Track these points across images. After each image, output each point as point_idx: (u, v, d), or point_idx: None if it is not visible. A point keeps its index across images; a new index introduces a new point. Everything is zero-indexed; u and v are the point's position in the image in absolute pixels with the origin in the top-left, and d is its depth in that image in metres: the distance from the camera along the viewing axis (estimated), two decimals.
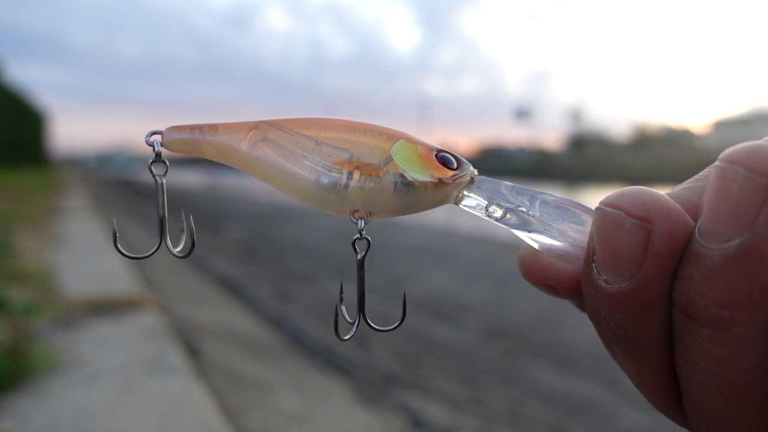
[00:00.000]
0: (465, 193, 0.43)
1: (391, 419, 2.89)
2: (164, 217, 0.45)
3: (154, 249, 0.45)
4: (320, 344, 4.12)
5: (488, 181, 0.43)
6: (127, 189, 29.36)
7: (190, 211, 0.47)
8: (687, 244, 0.32)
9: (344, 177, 0.41)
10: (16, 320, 3.10)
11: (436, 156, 0.43)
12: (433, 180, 0.42)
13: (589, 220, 0.37)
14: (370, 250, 0.44)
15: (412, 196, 0.42)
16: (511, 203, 0.41)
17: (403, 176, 0.41)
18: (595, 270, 0.34)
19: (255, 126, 0.44)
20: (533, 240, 0.39)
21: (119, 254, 0.46)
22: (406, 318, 0.45)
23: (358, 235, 0.44)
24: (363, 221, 0.43)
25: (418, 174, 0.42)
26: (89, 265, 5.14)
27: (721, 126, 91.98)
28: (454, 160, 0.43)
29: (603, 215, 0.34)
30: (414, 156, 0.42)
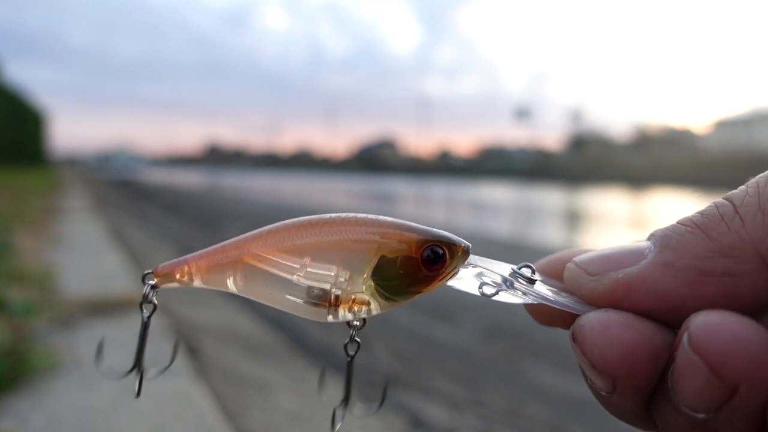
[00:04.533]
0: (459, 271, 0.43)
1: (391, 419, 2.88)
2: (140, 357, 0.50)
3: (128, 371, 0.49)
4: (320, 344, 4.12)
5: (480, 260, 0.43)
6: (126, 189, 29.35)
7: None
8: (662, 374, 0.33)
9: (328, 306, 0.42)
10: (16, 320, 3.10)
11: (422, 254, 0.41)
12: (416, 294, 0.42)
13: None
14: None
15: (398, 303, 0.43)
16: (504, 283, 0.41)
17: (388, 296, 0.42)
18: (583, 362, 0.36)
19: (234, 263, 0.44)
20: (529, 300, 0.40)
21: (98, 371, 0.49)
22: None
23: (348, 340, 0.45)
24: (356, 330, 0.45)
25: (401, 296, 0.42)
26: (89, 265, 5.14)
27: (722, 126, 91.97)
28: (444, 249, 0.41)
29: (575, 348, 0.35)
30: (396, 274, 0.41)
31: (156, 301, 0.47)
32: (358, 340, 0.45)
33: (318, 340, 4.25)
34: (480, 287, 0.42)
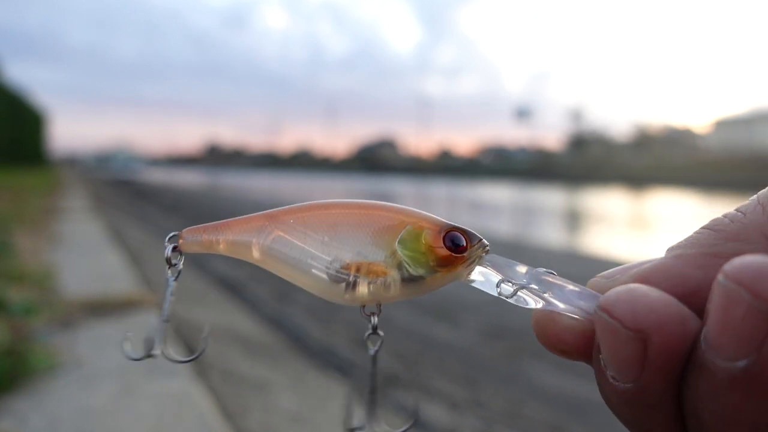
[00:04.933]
0: (478, 268, 0.43)
1: (391, 420, 2.88)
2: (167, 320, 0.47)
3: (157, 351, 0.47)
4: (320, 344, 4.11)
5: (499, 259, 0.43)
6: (126, 189, 29.35)
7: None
8: (691, 350, 0.31)
9: (351, 278, 0.42)
10: (15, 321, 3.10)
11: (444, 237, 0.43)
12: (441, 271, 0.42)
13: (593, 309, 0.37)
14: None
15: (420, 286, 0.43)
16: (523, 281, 0.41)
17: (408, 271, 0.42)
18: (602, 363, 0.34)
19: (260, 228, 0.45)
20: (550, 306, 0.39)
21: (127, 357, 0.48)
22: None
23: (371, 331, 0.44)
24: (376, 318, 0.44)
25: (425, 269, 0.42)
26: (88, 265, 5.13)
27: (722, 125, 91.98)
28: (463, 238, 0.43)
29: (600, 321, 0.33)
30: (420, 248, 0.42)
31: (181, 266, 0.47)
32: (381, 333, 0.44)
33: (318, 340, 4.25)
34: (498, 285, 0.42)
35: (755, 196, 0.36)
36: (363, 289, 0.42)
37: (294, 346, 4.02)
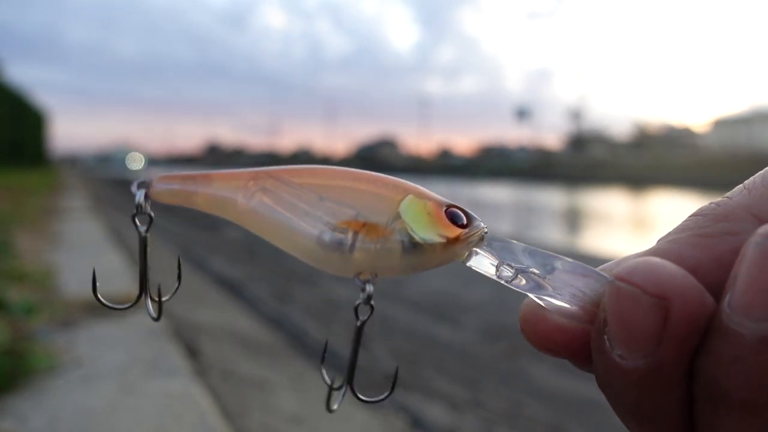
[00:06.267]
0: (475, 251, 0.41)
1: (391, 420, 2.88)
2: (145, 273, 0.43)
3: (131, 304, 0.44)
4: (320, 344, 4.11)
5: (499, 240, 0.41)
6: (126, 188, 29.30)
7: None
8: (710, 319, 0.30)
9: (349, 237, 0.38)
10: (16, 320, 3.10)
11: (445, 212, 0.41)
12: (443, 240, 0.40)
13: (600, 288, 0.36)
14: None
15: (420, 256, 0.39)
16: (522, 264, 0.39)
17: (411, 236, 0.39)
18: (607, 343, 0.33)
19: (253, 176, 0.41)
20: (542, 301, 0.38)
21: (99, 303, 0.45)
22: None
23: (363, 300, 0.40)
24: (371, 286, 0.40)
25: (427, 234, 0.39)
26: (88, 265, 5.13)
27: (722, 125, 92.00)
28: (463, 216, 0.41)
29: (618, 291, 0.32)
30: (423, 214, 0.40)
31: (152, 213, 0.42)
32: (373, 303, 0.40)
33: (317, 339, 4.25)
34: (497, 269, 0.40)
35: (742, 183, 0.36)
36: (361, 252, 0.38)
37: (294, 346, 4.02)
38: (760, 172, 0.36)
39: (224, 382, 2.66)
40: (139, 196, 0.41)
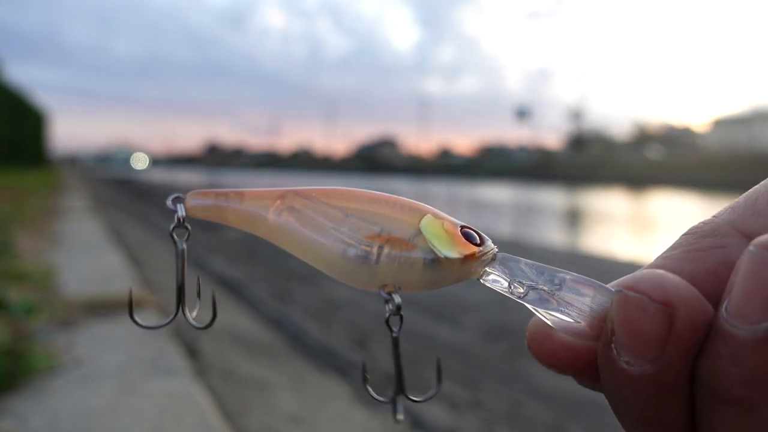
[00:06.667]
0: (488, 269, 0.43)
1: (390, 420, 2.88)
2: (182, 284, 0.46)
3: (171, 318, 0.46)
4: (320, 344, 4.12)
5: (510, 258, 0.44)
6: (125, 188, 29.35)
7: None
8: (711, 324, 0.33)
9: (375, 250, 0.41)
10: (16, 320, 3.10)
11: (460, 232, 0.43)
12: (461, 256, 0.42)
13: (606, 301, 0.38)
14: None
15: (440, 271, 0.42)
16: (532, 281, 0.41)
17: (431, 252, 0.42)
18: (614, 351, 0.35)
19: (282, 195, 0.44)
20: (549, 318, 0.40)
21: (136, 324, 0.47)
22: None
23: (390, 313, 0.43)
24: (398, 297, 0.43)
25: (447, 250, 0.42)
26: (88, 265, 5.13)
27: (722, 124, 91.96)
28: (477, 236, 0.44)
29: (625, 299, 0.34)
30: (442, 232, 0.43)
31: (189, 226, 0.44)
32: (402, 313, 0.43)
33: (318, 340, 4.25)
34: (510, 285, 0.42)
35: (728, 204, 0.39)
36: (386, 264, 0.41)
37: (294, 346, 4.02)
38: (744, 193, 0.39)
39: (224, 382, 2.66)
40: (180, 210, 0.44)
